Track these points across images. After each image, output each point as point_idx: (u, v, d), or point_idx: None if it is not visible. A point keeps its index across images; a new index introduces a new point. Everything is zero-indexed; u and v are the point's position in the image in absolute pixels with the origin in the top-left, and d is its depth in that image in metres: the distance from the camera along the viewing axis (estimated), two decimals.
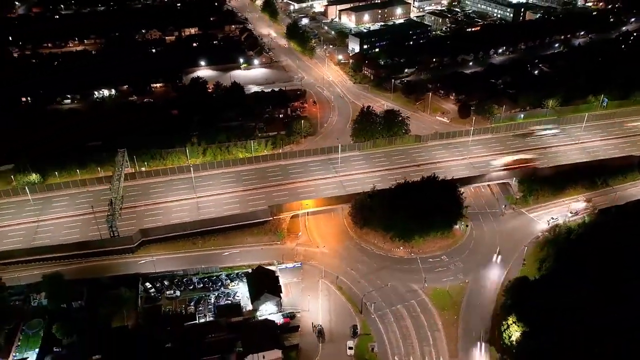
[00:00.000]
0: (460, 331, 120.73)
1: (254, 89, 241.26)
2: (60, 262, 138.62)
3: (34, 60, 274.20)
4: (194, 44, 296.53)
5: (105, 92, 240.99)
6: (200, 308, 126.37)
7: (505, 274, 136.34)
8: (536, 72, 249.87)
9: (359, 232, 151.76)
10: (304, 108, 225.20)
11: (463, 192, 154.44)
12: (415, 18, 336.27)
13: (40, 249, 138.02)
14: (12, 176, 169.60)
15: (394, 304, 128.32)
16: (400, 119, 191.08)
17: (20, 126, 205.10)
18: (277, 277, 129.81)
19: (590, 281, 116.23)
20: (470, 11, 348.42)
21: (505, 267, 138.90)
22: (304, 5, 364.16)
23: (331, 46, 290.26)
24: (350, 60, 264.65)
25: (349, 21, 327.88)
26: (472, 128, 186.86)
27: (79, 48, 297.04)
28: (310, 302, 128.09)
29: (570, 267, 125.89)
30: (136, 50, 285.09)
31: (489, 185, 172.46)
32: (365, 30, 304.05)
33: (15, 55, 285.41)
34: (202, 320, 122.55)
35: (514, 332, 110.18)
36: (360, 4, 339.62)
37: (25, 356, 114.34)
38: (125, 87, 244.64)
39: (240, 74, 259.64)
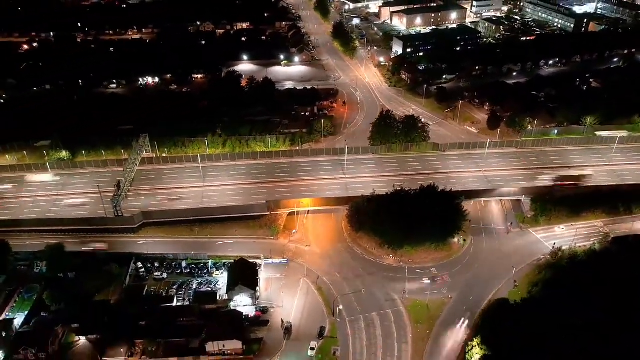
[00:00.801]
0: (429, 347, 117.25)
1: (288, 85, 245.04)
2: (67, 235, 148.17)
3: (92, 46, 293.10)
4: (243, 39, 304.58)
5: (149, 80, 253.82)
6: (181, 292, 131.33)
7: (493, 294, 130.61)
8: (585, 87, 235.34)
9: (354, 235, 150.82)
10: (332, 108, 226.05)
11: (464, 205, 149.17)
12: (469, 24, 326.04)
13: (50, 220, 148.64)
14: (44, 151, 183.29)
15: (369, 311, 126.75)
16: (420, 125, 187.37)
17: (65, 106, 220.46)
18: (257, 270, 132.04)
19: (572, 310, 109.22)
20: (529, 20, 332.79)
21: (495, 287, 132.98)
22: (359, 5, 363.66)
23: (375, 48, 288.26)
24: (390, 63, 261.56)
25: (400, 24, 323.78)
26: (489, 140, 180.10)
27: (136, 36, 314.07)
28: (285, 299, 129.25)
29: (560, 293, 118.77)
30: (186, 41, 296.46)
31: (501, 200, 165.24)
32: (411, 34, 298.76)
33: (79, 40, 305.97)
34: (179, 304, 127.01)
35: (475, 354, 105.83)
36: (415, 7, 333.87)
37: (15, 317, 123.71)
38: (169, 76, 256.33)
39: (279, 70, 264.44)
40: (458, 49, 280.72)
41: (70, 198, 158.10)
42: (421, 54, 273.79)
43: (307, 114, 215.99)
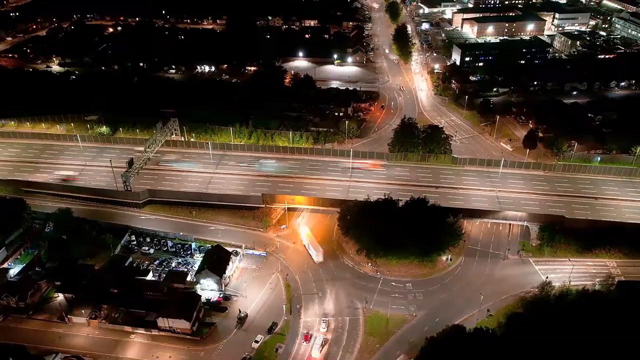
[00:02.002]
0: None
1: (334, 84, 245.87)
2: (82, 202, 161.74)
3: (166, 33, 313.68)
4: (306, 35, 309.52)
5: (207, 68, 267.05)
6: (159, 268, 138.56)
7: (462, 320, 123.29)
8: None
9: (341, 239, 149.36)
10: (369, 110, 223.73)
11: (463, 223, 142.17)
12: (546, 37, 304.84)
13: (68, 186, 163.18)
14: (87, 125, 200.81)
15: (327, 315, 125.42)
16: (443, 136, 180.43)
17: (123, 86, 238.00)
18: (229, 258, 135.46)
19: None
20: (616, 36, 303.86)
21: (467, 313, 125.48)
22: (435, 10, 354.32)
23: (435, 54, 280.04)
24: (442, 70, 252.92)
25: (470, 31, 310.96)
26: (503, 159, 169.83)
27: (209, 26, 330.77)
28: (252, 291, 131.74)
29: (523, 329, 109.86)
30: (252, 33, 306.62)
31: (511, 225, 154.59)
32: (474, 42, 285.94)
33: (157, 26, 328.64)
34: (153, 279, 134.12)
35: None
36: (489, 15, 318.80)
37: (12, 267, 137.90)
38: (225, 66, 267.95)
39: (330, 69, 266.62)
40: (522, 62, 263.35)
41: (93, 169, 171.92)
42: (480, 64, 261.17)
43: (340, 114, 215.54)
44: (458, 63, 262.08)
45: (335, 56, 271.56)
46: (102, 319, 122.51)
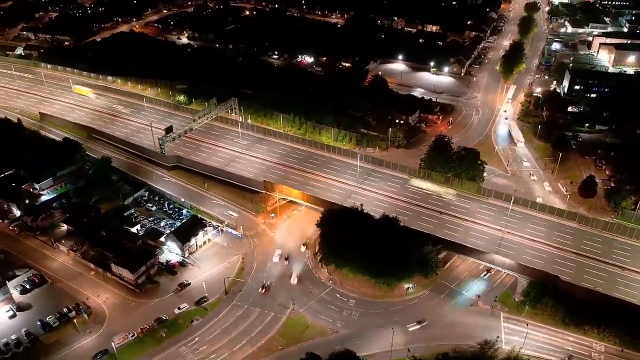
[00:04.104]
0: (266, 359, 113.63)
1: (417, 92, 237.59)
2: (127, 155, 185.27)
3: (292, 21, 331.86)
4: (420, 40, 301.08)
5: (306, 58, 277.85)
6: (147, 223, 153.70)
7: (377, 352, 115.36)
8: None
9: (317, 239, 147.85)
10: (434, 124, 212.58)
11: (433, 253, 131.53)
12: None
13: (118, 139, 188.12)
14: (169, 92, 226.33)
15: (256, 305, 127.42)
16: (479, 162, 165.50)
17: (226, 64, 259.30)
18: (198, 230, 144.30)
19: None
20: None
21: (387, 347, 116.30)
22: (580, 30, 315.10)
23: (546, 77, 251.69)
24: (540, 95, 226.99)
25: (606, 58, 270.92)
26: (521, 198, 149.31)
27: (334, 20, 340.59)
28: (210, 264, 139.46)
29: None
30: (369, 32, 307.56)
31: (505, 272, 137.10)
32: (593, 70, 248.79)
33: (293, 14, 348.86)
34: (134, 231, 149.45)
35: None
36: (634, 42, 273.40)
37: (46, 195, 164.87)
38: (324, 58, 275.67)
39: (423, 76, 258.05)
40: None
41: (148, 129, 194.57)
42: (592, 95, 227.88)
43: (401, 121, 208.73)
44: (565, 91, 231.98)
45: (432, 64, 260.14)
46: (80, 254, 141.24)
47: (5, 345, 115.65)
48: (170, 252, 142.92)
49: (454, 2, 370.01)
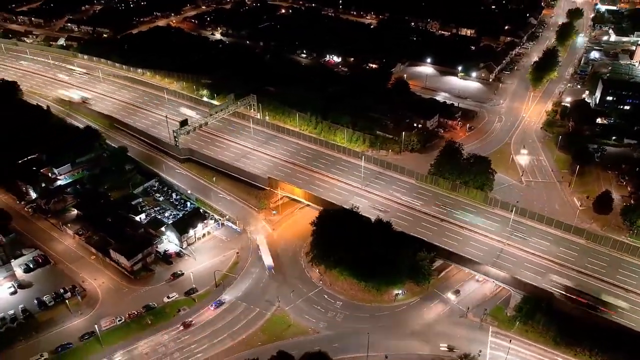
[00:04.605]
0: (244, 354, 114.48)
1: (440, 96, 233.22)
2: (144, 145, 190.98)
3: (326, 20, 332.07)
4: (452, 43, 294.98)
5: (335, 58, 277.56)
6: (152, 213, 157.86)
7: (351, 356, 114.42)
8: None
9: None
10: (453, 129, 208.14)
11: (427, 260, 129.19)
12: None
13: (135, 129, 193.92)
14: (193, 86, 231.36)
15: (244, 300, 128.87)
16: (490, 171, 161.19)
17: (254, 60, 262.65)
18: (197, 222, 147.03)
19: None
20: None
21: (364, 352, 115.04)
22: (624, 39, 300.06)
23: (578, 86, 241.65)
24: (567, 105, 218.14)
25: None
26: (512, 215, 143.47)
27: (368, 21, 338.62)
28: (206, 257, 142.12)
29: None
30: (401, 33, 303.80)
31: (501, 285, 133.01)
32: (624, 80, 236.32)
33: (328, 14, 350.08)
34: (138, 219, 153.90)
35: None
36: None
37: (63, 180, 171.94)
38: (352, 59, 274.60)
39: (450, 81, 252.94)
40: None
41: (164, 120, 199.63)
42: (626, 107, 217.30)
43: (418, 125, 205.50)
44: (597, 101, 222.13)
45: (460, 68, 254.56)
46: (84, 238, 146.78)
47: (2, 319, 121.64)
48: (170, 242, 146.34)
49: (494, 7, 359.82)
